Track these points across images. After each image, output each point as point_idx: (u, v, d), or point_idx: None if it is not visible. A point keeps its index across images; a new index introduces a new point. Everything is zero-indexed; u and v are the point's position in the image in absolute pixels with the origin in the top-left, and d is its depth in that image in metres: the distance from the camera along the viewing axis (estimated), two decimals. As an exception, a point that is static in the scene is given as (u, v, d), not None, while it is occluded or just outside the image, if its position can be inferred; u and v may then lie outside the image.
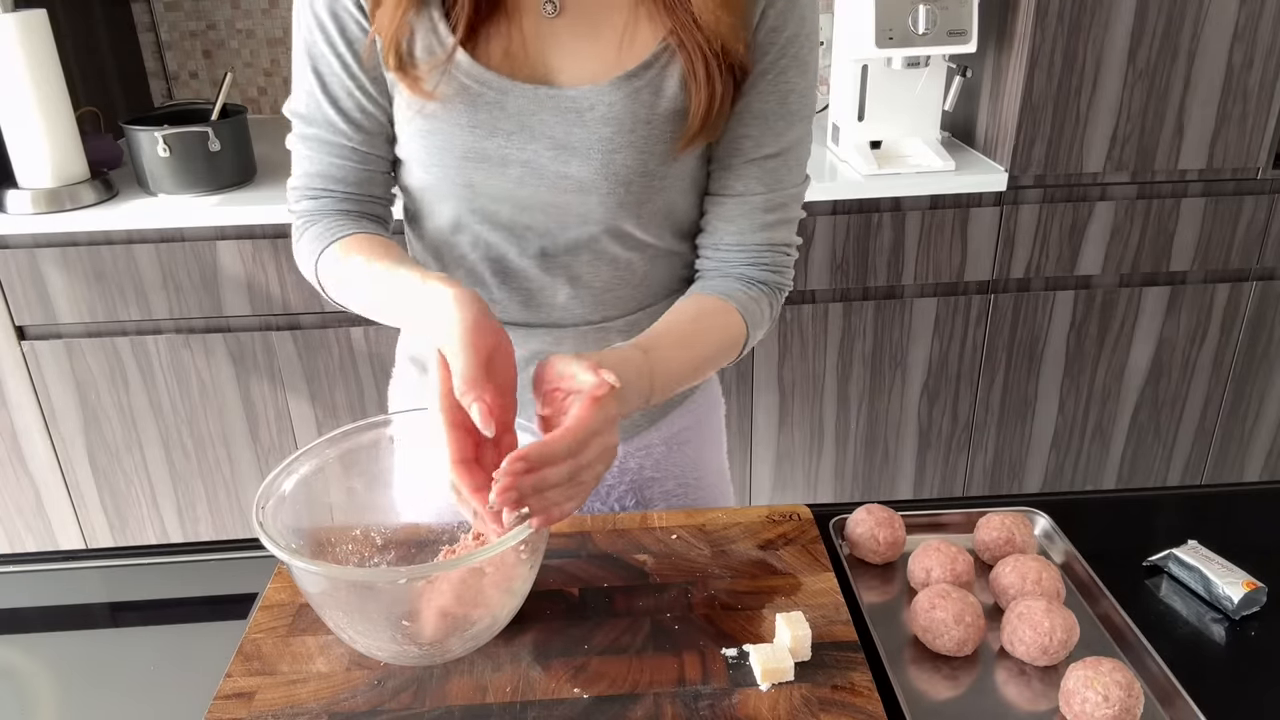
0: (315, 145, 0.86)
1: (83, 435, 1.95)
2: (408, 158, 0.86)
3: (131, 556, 0.94)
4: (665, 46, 0.81)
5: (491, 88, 0.81)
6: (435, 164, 0.83)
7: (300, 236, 0.88)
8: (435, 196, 0.87)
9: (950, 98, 1.93)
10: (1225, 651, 0.78)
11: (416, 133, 0.83)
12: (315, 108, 0.85)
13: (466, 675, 0.72)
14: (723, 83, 0.81)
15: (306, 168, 0.87)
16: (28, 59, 1.71)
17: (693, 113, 0.81)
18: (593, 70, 0.82)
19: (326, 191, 0.88)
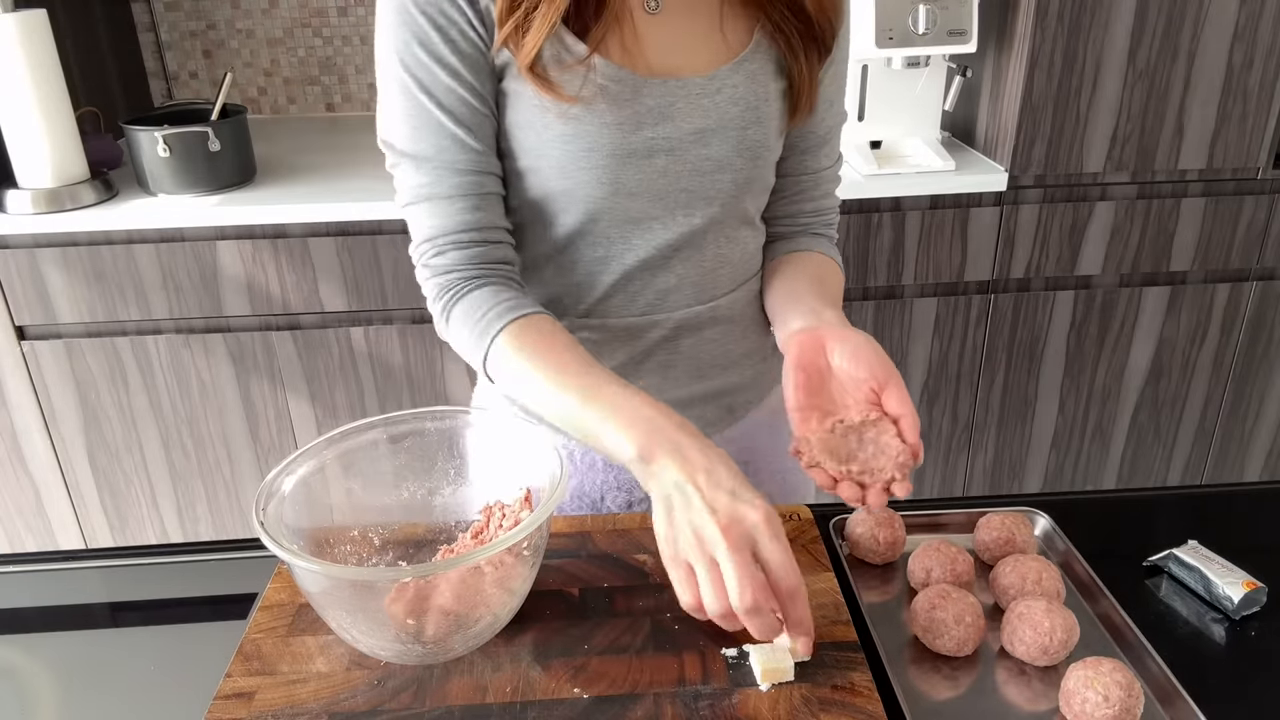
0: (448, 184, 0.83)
1: (83, 435, 1.95)
2: (538, 165, 0.85)
3: (131, 556, 0.94)
4: (763, 33, 0.88)
5: (627, 85, 0.83)
6: (578, 167, 0.84)
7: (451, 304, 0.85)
8: (564, 203, 0.86)
9: (950, 98, 1.93)
10: (1225, 651, 0.78)
11: (556, 138, 0.83)
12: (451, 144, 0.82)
13: (466, 675, 0.72)
14: (815, 62, 0.89)
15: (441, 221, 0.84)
16: (28, 59, 1.71)
17: (797, 90, 0.89)
18: (704, 57, 0.87)
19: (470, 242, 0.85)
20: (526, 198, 0.88)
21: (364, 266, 1.83)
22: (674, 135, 0.86)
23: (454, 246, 0.85)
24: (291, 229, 1.80)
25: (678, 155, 0.86)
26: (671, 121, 0.85)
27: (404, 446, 0.82)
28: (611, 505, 1.00)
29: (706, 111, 0.86)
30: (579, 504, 1.00)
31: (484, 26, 0.80)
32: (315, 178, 1.91)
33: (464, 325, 0.85)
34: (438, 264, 0.85)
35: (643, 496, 1.01)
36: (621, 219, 0.88)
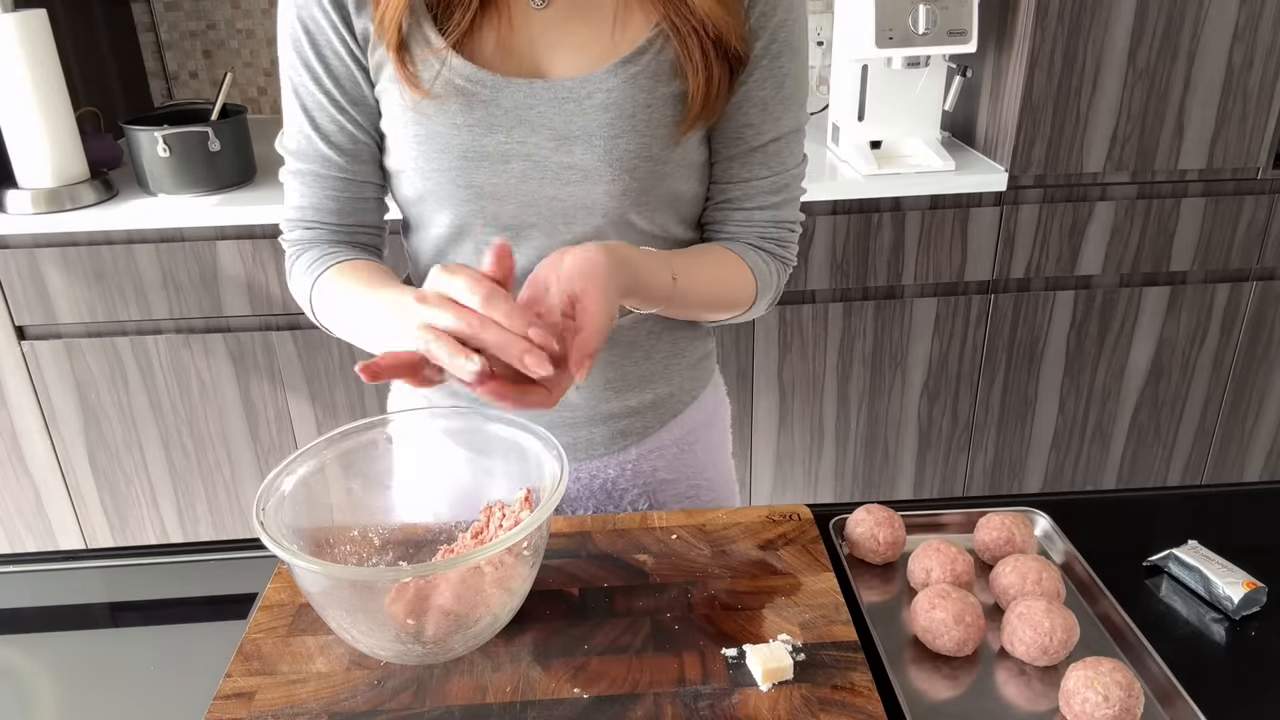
0: (309, 180, 0.88)
1: (83, 435, 1.95)
2: (404, 167, 0.85)
3: (131, 556, 0.94)
4: (659, 32, 0.81)
5: (485, 85, 0.81)
6: (434, 169, 0.83)
7: (293, 264, 0.90)
8: (435, 204, 0.86)
9: (950, 98, 1.93)
10: (1225, 651, 0.78)
11: (412, 138, 0.83)
12: (307, 144, 0.86)
13: (466, 675, 0.72)
14: (719, 66, 0.82)
15: (299, 201, 0.89)
16: (28, 59, 1.71)
17: (691, 96, 0.82)
18: (586, 59, 0.82)
19: (320, 224, 0.89)
20: (405, 197, 0.89)
21: (364, 266, 1.83)
22: (531, 140, 0.81)
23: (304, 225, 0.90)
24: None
25: (536, 162, 0.82)
26: (528, 125, 0.81)
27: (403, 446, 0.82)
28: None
29: (570, 117, 0.81)
30: None
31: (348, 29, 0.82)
32: (315, 178, 1.91)
33: (299, 277, 0.89)
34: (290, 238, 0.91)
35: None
36: (495, 224, 0.86)
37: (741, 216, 0.91)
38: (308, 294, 0.88)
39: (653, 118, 0.82)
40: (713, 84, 0.82)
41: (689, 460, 1.02)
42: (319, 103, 0.84)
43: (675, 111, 0.83)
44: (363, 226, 0.91)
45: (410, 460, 0.82)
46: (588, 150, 0.82)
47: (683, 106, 0.83)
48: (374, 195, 0.91)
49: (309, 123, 0.85)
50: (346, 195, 0.88)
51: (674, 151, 0.84)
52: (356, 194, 0.89)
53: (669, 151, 0.84)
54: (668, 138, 0.83)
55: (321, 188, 0.88)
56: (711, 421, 1.05)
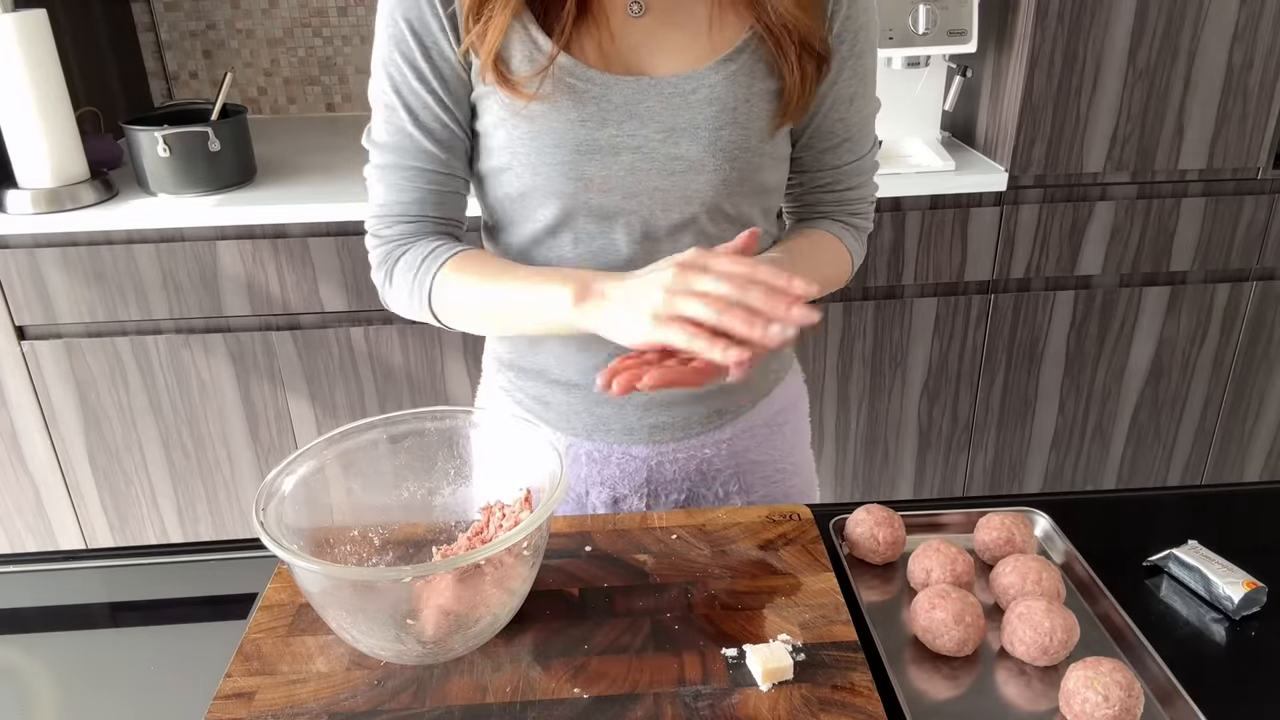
0: (409, 175, 0.89)
1: (83, 435, 1.95)
2: (507, 164, 0.88)
3: (131, 556, 0.94)
4: (753, 34, 0.87)
5: (595, 83, 0.84)
6: (545, 163, 0.85)
7: (395, 260, 0.90)
8: (539, 199, 0.88)
9: (950, 98, 1.93)
10: (1225, 651, 0.78)
11: (522, 136, 0.85)
12: (408, 140, 0.88)
13: (466, 675, 0.72)
14: (809, 65, 0.88)
15: (397, 196, 0.90)
16: (28, 59, 1.71)
17: (788, 93, 0.88)
18: (685, 60, 0.87)
19: (420, 217, 0.91)
20: (504, 195, 0.91)
21: (364, 266, 1.82)
22: (641, 133, 0.86)
23: (402, 221, 0.90)
24: (291, 229, 1.80)
25: (645, 154, 0.86)
26: (638, 119, 0.85)
27: (404, 446, 0.82)
28: (596, 501, 1.01)
29: (677, 110, 0.86)
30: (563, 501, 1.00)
31: (455, 34, 0.85)
32: (315, 178, 1.91)
33: (405, 275, 0.90)
34: (386, 234, 0.91)
35: (626, 493, 1.01)
36: (597, 215, 0.88)
37: (834, 198, 0.99)
38: (427, 286, 0.88)
39: (752, 111, 0.87)
40: (804, 82, 0.87)
41: (778, 442, 1.05)
42: (423, 101, 0.87)
43: (771, 107, 0.89)
44: (454, 220, 0.93)
45: None
46: (694, 142, 0.86)
47: (777, 103, 0.89)
48: (464, 191, 0.93)
49: (411, 120, 0.87)
50: (444, 190, 0.90)
51: (768, 144, 0.90)
52: (452, 188, 0.91)
53: (764, 144, 0.90)
54: (764, 131, 0.89)
55: (423, 182, 0.89)
56: (797, 403, 1.09)
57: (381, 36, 0.87)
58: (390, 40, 0.86)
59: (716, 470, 1.02)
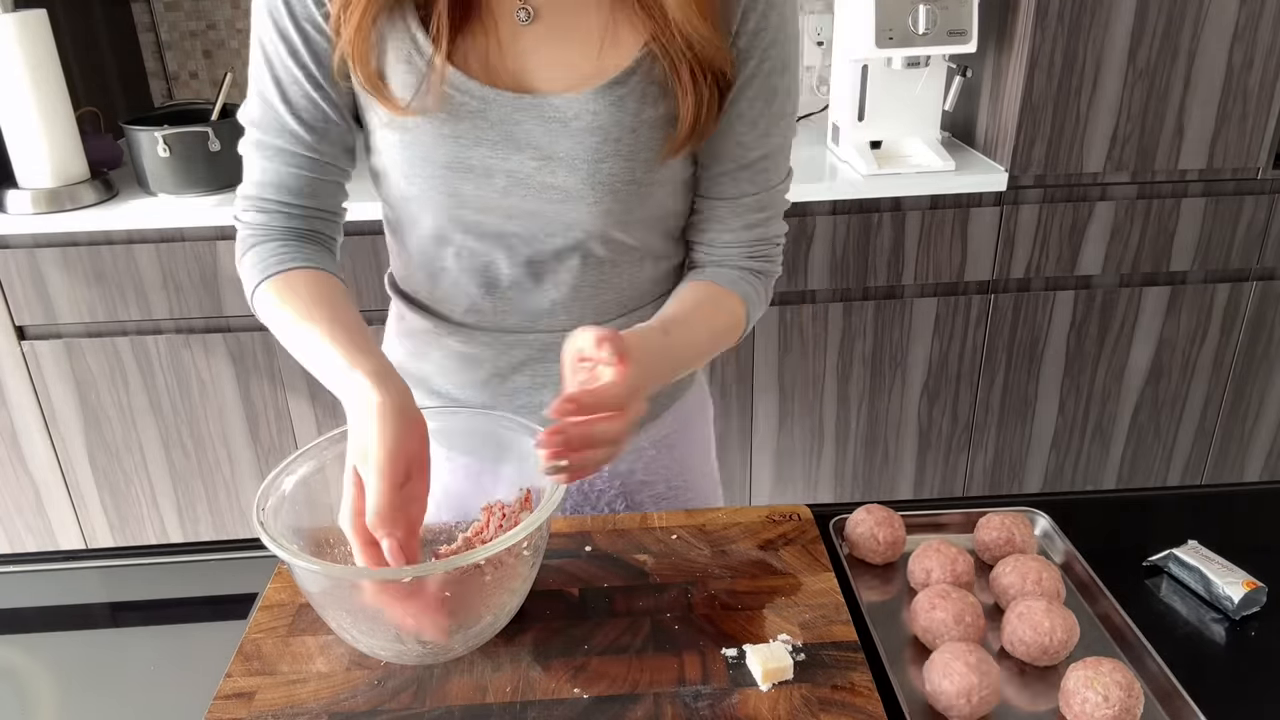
0: (271, 154, 0.83)
1: (83, 435, 1.95)
2: (387, 168, 0.84)
3: (131, 556, 0.94)
4: (647, 52, 0.79)
5: (473, 96, 0.79)
6: (417, 175, 0.82)
7: (244, 252, 0.85)
8: (418, 207, 0.85)
9: (950, 98, 1.93)
10: (1225, 651, 0.78)
11: (396, 143, 0.81)
12: (273, 116, 0.82)
13: (466, 675, 0.72)
14: (708, 88, 0.80)
15: (259, 177, 0.85)
16: (28, 59, 1.71)
17: (681, 119, 0.80)
18: (573, 77, 0.80)
19: (279, 204, 0.85)
20: (390, 196, 0.88)
21: (364, 266, 1.83)
22: (514, 158, 0.80)
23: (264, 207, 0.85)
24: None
25: (519, 179, 0.81)
26: (513, 143, 0.80)
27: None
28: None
29: (555, 137, 0.80)
30: None
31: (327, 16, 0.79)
32: (315, 178, 1.91)
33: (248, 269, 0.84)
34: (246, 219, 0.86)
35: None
36: (479, 232, 0.85)
37: (729, 237, 0.90)
38: (250, 292, 0.84)
39: (638, 141, 0.81)
40: (701, 106, 0.80)
41: (666, 462, 1.02)
42: (293, 75, 0.80)
43: (661, 133, 0.81)
44: (322, 210, 0.87)
45: None
46: (571, 173, 0.81)
47: (669, 129, 0.81)
48: (336, 179, 0.87)
49: (279, 95, 0.81)
50: (310, 175, 0.84)
51: (659, 172, 0.83)
52: (320, 175, 0.85)
53: (654, 173, 0.83)
54: (653, 160, 0.82)
55: (284, 163, 0.83)
56: (690, 420, 1.05)
57: (256, 5, 0.81)
58: (262, 11, 0.80)
59: (600, 490, 1.00)
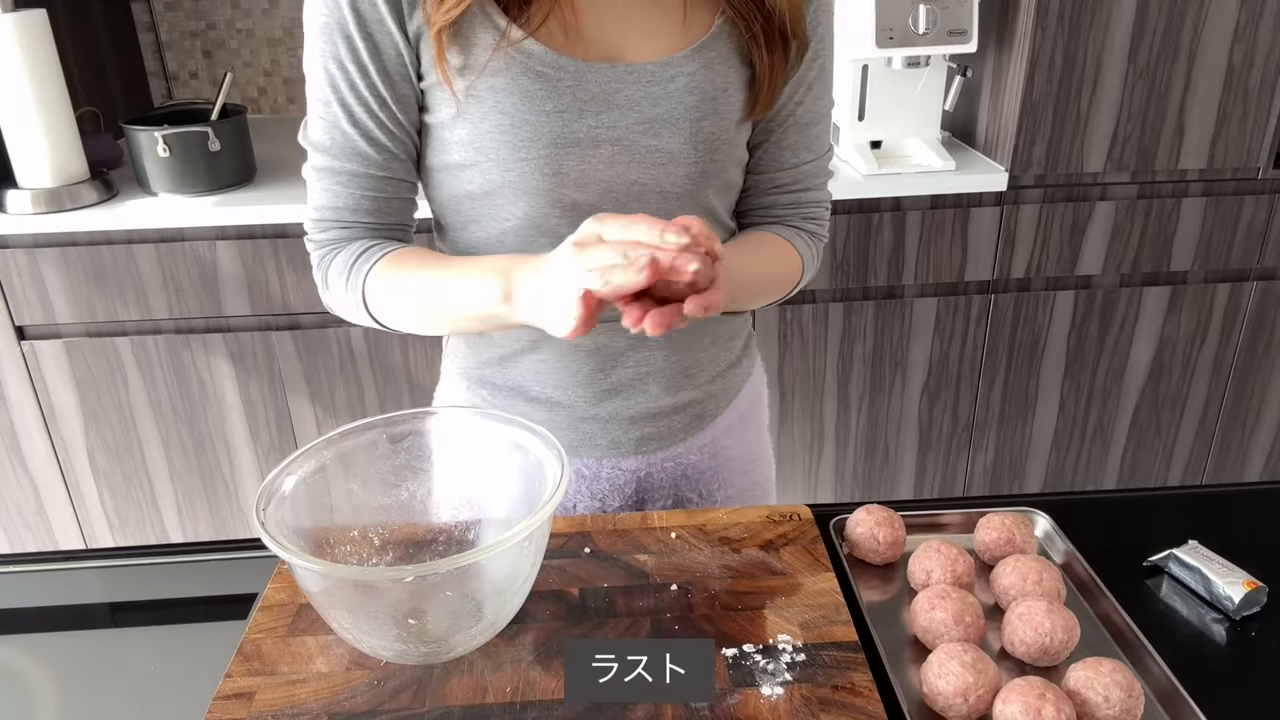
0: (344, 179, 0.84)
1: (83, 435, 1.95)
2: (470, 160, 0.82)
3: (131, 556, 0.94)
4: (725, 19, 0.83)
5: (568, 71, 0.80)
6: (520, 158, 0.81)
7: (329, 264, 0.86)
8: (508, 196, 0.84)
9: (950, 98, 1.93)
10: (1226, 651, 0.78)
11: (490, 129, 0.80)
12: (343, 140, 0.82)
13: (466, 675, 0.72)
14: (780, 52, 0.84)
15: (331, 201, 0.85)
16: (28, 59, 1.71)
17: (759, 81, 0.84)
18: (659, 45, 0.82)
19: (356, 223, 0.85)
20: (464, 191, 0.86)
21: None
22: (620, 124, 0.81)
23: (337, 225, 0.86)
24: (291, 229, 1.79)
25: (625, 146, 0.82)
26: (617, 109, 0.81)
27: (404, 446, 0.82)
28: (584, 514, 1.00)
29: (657, 100, 0.82)
30: None
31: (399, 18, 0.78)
32: (315, 178, 1.91)
33: (339, 278, 0.85)
34: (320, 239, 0.86)
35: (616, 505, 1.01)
36: (571, 213, 0.84)
37: (789, 199, 0.94)
38: (359, 288, 0.84)
39: (729, 101, 0.84)
40: (775, 69, 0.84)
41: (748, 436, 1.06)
42: (361, 98, 0.80)
43: (743, 95, 0.85)
44: (398, 225, 0.88)
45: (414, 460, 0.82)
46: (674, 133, 0.83)
47: (748, 92, 0.85)
48: (409, 195, 0.88)
49: (347, 118, 0.81)
50: (384, 195, 0.85)
51: (741, 135, 0.87)
52: (394, 193, 0.86)
53: (740, 134, 0.87)
54: (739, 121, 0.86)
55: (359, 187, 0.84)
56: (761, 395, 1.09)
57: (314, 26, 0.79)
58: (324, 31, 0.79)
59: (700, 472, 1.02)
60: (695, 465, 1.01)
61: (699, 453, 1.01)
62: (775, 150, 0.92)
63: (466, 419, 0.84)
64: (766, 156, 0.92)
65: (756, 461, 1.09)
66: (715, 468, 1.03)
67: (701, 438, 1.01)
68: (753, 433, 1.08)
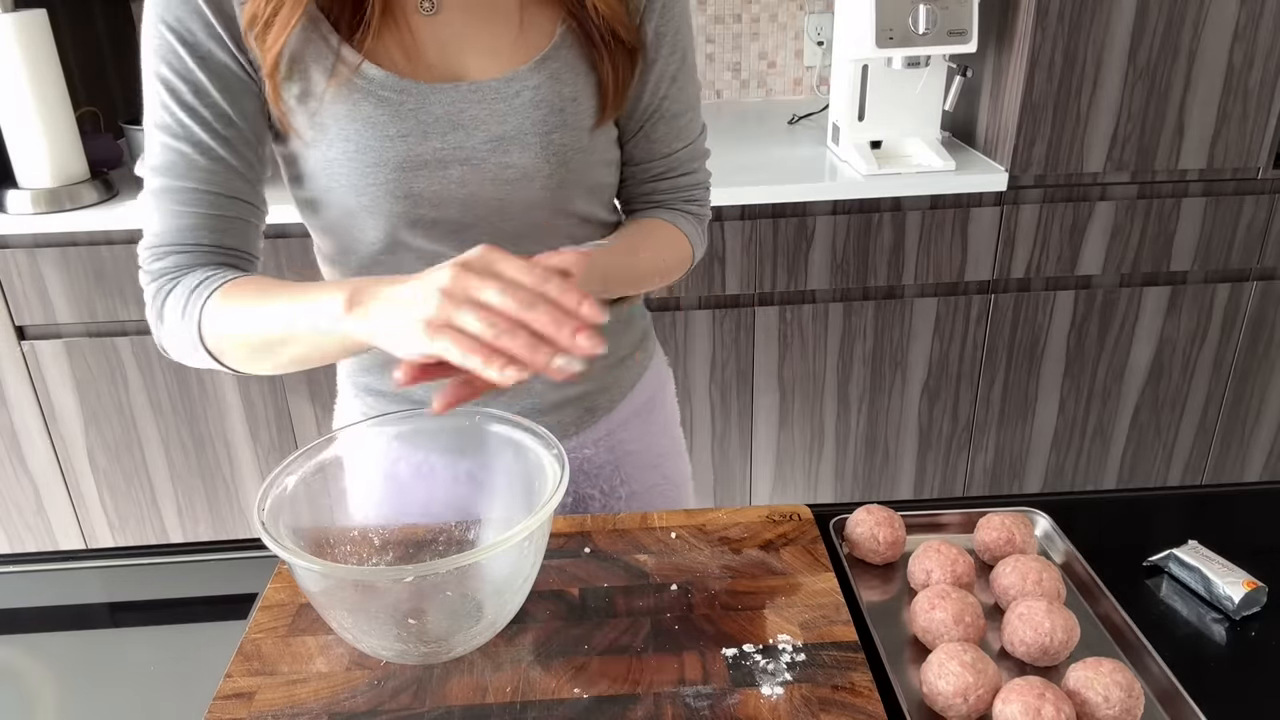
0: (182, 197, 0.79)
1: (83, 435, 1.95)
2: (330, 186, 0.82)
3: (131, 556, 0.94)
4: (566, 29, 0.83)
5: (410, 94, 0.79)
6: (369, 183, 0.81)
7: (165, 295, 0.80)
8: (367, 221, 0.84)
9: (950, 98, 1.93)
10: (1226, 651, 0.78)
11: (338, 157, 0.80)
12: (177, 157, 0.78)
13: (466, 675, 0.72)
14: (621, 55, 0.84)
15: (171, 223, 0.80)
16: (28, 59, 1.71)
17: (604, 87, 0.84)
18: (500, 62, 0.82)
19: (196, 247, 0.80)
20: (329, 220, 0.86)
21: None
22: (467, 144, 0.81)
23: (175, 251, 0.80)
24: (291, 229, 1.79)
25: (474, 165, 0.81)
26: (463, 129, 0.80)
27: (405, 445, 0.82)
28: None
29: (503, 117, 0.81)
30: None
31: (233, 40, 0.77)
32: (315, 178, 1.91)
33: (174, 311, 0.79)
34: (155, 268, 0.81)
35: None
36: (436, 230, 0.84)
37: (668, 185, 0.95)
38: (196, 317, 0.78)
39: (579, 110, 0.84)
40: (619, 72, 0.84)
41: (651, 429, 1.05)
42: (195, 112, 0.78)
43: (594, 102, 0.85)
44: (242, 253, 0.83)
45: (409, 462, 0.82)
46: (523, 149, 0.82)
47: (598, 98, 0.85)
48: (253, 219, 0.85)
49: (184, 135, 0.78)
50: (226, 215, 0.81)
51: (598, 140, 0.87)
52: (236, 214, 0.82)
53: (595, 141, 0.86)
54: (590, 128, 0.85)
55: (199, 205, 0.79)
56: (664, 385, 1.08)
57: (147, 49, 0.77)
58: (156, 53, 0.77)
59: (598, 468, 1.01)
60: (592, 460, 1.00)
61: (594, 446, 1.00)
62: (646, 143, 0.92)
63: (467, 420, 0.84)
64: (639, 150, 0.92)
65: (665, 455, 1.07)
66: (615, 462, 1.02)
67: (595, 431, 1.00)
68: (657, 425, 1.06)
